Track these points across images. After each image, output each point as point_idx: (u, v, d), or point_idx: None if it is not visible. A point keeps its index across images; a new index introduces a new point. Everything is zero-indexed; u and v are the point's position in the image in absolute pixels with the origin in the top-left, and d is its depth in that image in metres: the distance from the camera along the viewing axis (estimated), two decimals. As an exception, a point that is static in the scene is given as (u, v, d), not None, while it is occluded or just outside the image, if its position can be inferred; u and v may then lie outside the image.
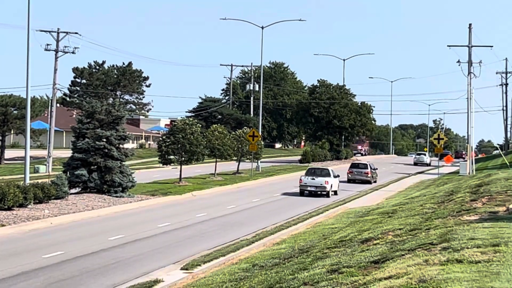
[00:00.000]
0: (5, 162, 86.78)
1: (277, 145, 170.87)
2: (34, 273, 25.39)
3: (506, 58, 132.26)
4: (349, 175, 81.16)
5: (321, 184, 62.48)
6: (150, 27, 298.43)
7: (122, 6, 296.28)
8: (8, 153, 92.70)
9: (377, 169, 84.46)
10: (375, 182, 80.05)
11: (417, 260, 16.65)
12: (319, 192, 62.07)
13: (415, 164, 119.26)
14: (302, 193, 62.11)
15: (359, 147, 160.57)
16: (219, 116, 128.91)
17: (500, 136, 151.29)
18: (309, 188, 62.14)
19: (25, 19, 49.04)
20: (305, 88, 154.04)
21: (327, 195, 61.33)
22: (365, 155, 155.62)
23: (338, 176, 65.42)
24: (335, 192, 63.69)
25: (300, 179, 63.03)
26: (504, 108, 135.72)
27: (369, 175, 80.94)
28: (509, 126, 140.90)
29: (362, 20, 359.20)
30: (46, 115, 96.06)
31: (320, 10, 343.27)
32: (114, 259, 28.48)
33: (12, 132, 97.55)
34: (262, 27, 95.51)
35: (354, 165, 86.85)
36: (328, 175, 64.10)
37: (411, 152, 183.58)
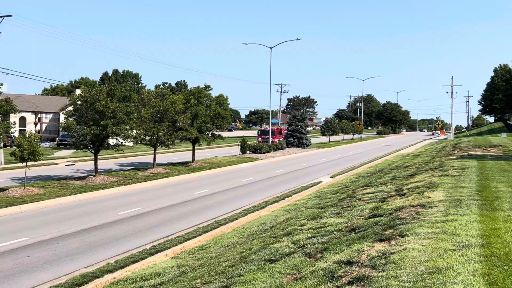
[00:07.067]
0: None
1: (369, 128, 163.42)
2: (271, 179, 25.57)
3: (468, 90, 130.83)
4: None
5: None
6: (317, 75, 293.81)
7: (307, 68, 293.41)
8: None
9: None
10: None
11: (428, 175, 15.80)
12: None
13: (433, 134, 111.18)
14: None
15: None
16: (345, 116, 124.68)
17: (465, 123, 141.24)
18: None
19: (268, 78, 49.76)
20: (381, 104, 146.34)
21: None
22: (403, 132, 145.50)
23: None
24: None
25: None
26: (467, 111, 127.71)
27: (439, 132, 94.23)
28: (469, 119, 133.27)
29: (389, 60, 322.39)
30: (277, 117, 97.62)
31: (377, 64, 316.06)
32: (303, 173, 28.50)
33: (262, 124, 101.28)
34: (363, 80, 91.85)
35: (435, 128, 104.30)
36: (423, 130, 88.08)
37: (423, 129, 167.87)
